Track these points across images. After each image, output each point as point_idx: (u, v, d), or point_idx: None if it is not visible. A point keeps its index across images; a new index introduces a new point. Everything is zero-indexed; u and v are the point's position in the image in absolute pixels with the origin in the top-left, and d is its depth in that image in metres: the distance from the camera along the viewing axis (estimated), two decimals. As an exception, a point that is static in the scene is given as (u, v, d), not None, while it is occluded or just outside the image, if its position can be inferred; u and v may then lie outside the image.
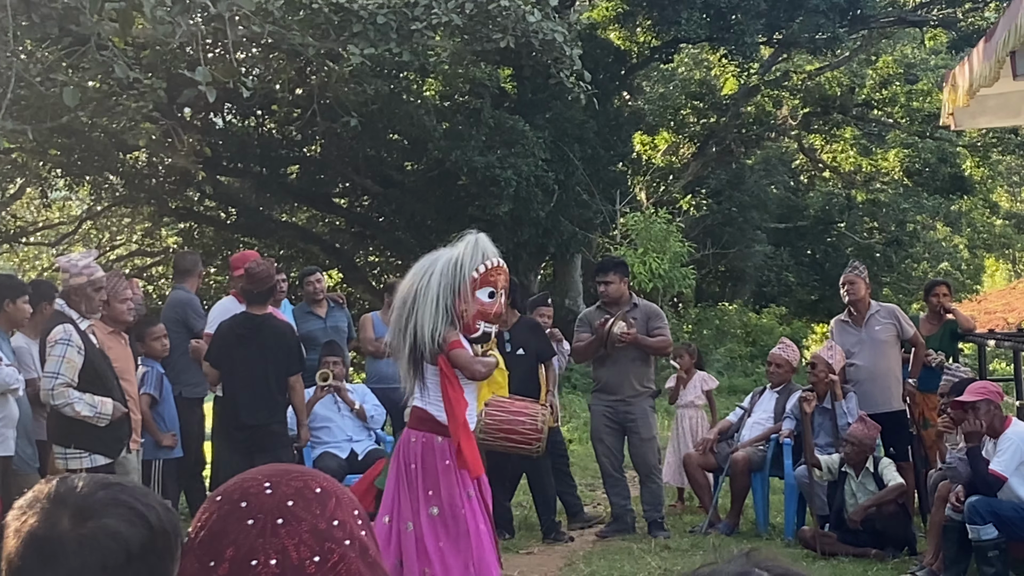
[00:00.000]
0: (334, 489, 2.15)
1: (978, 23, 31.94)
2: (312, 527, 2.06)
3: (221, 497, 2.11)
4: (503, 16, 16.16)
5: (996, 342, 15.59)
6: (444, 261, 8.86)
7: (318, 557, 2.03)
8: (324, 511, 2.09)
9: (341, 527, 2.09)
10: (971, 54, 13.00)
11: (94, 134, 23.95)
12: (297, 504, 2.08)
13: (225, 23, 12.36)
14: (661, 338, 13.38)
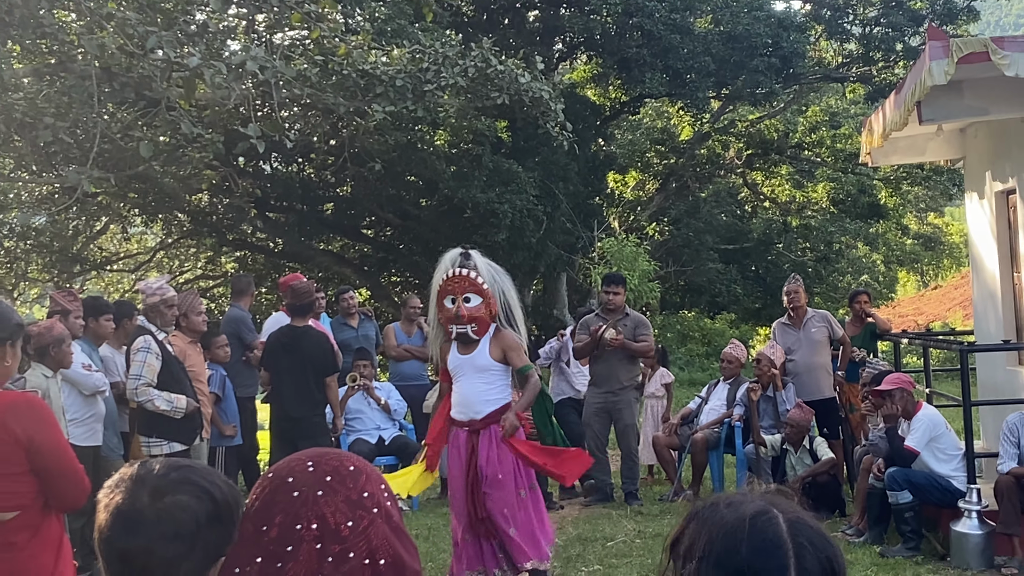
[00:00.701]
0: (364, 467, 2.17)
1: (889, 79, 31.97)
2: (346, 498, 2.07)
3: (272, 474, 2.12)
4: (499, 78, 16.18)
5: (908, 340, 15.59)
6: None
7: (351, 522, 2.04)
8: (356, 485, 2.10)
9: (370, 498, 2.10)
10: (884, 104, 12.99)
11: (165, 180, 23.92)
12: (334, 479, 2.09)
13: (271, 87, 12.37)
14: (645, 344, 13.50)
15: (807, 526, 1.98)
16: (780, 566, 1.92)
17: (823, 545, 1.97)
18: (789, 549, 1.93)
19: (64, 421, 9.18)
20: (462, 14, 27.22)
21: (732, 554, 1.93)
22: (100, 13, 11.24)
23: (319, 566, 2.00)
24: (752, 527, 1.96)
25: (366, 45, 16.02)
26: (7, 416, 4.86)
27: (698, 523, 2.01)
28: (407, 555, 2.10)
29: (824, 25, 33.81)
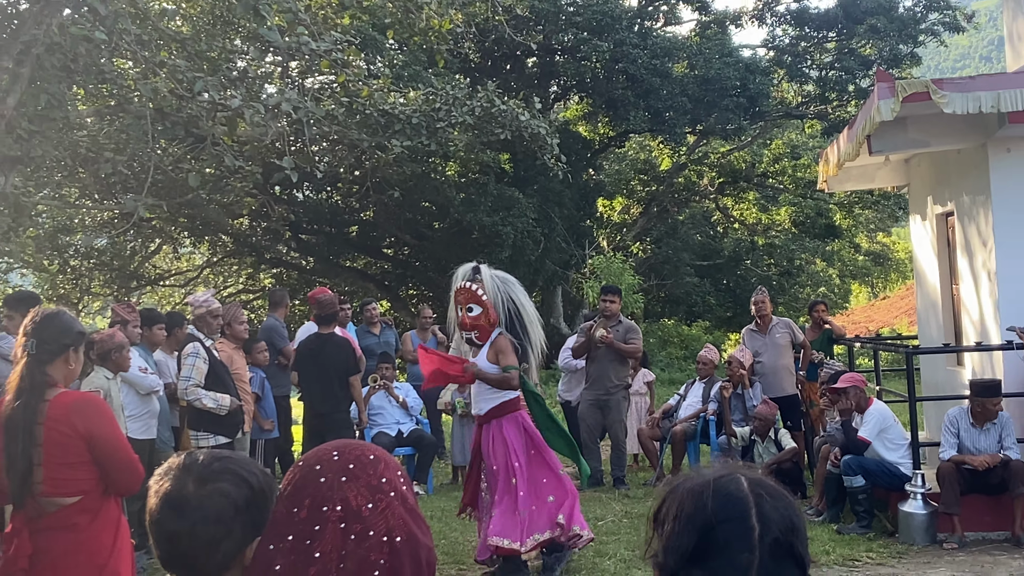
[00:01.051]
0: (383, 456, 2.18)
1: (843, 116, 31.99)
2: (367, 483, 2.08)
3: (303, 463, 2.14)
4: (502, 117, 16.22)
5: (860, 344, 15.57)
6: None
7: (371, 504, 2.05)
8: (376, 472, 2.11)
9: (388, 483, 2.10)
10: (838, 138, 13.00)
11: (211, 206, 23.96)
12: (356, 467, 2.10)
13: (303, 125, 12.38)
14: (633, 346, 13.54)
15: (766, 484, 1.99)
16: (742, 515, 1.91)
17: (781, 499, 1.97)
18: (750, 501, 1.93)
19: (123, 417, 9.21)
20: (469, 60, 27.22)
21: (699, 510, 1.94)
22: (154, 61, 11.25)
23: (343, 542, 2.01)
24: (716, 485, 1.97)
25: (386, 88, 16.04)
26: (71, 413, 4.88)
27: (671, 491, 2.03)
28: (420, 533, 2.11)
29: (785, 69, 33.83)
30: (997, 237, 11.29)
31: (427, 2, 12.88)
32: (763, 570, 1.88)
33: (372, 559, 2.02)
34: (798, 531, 1.94)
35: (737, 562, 1.88)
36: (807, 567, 1.94)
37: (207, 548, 2.27)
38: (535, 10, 26.97)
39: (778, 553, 1.90)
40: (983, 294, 11.86)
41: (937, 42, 34.01)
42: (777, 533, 1.91)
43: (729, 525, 1.91)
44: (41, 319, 5.03)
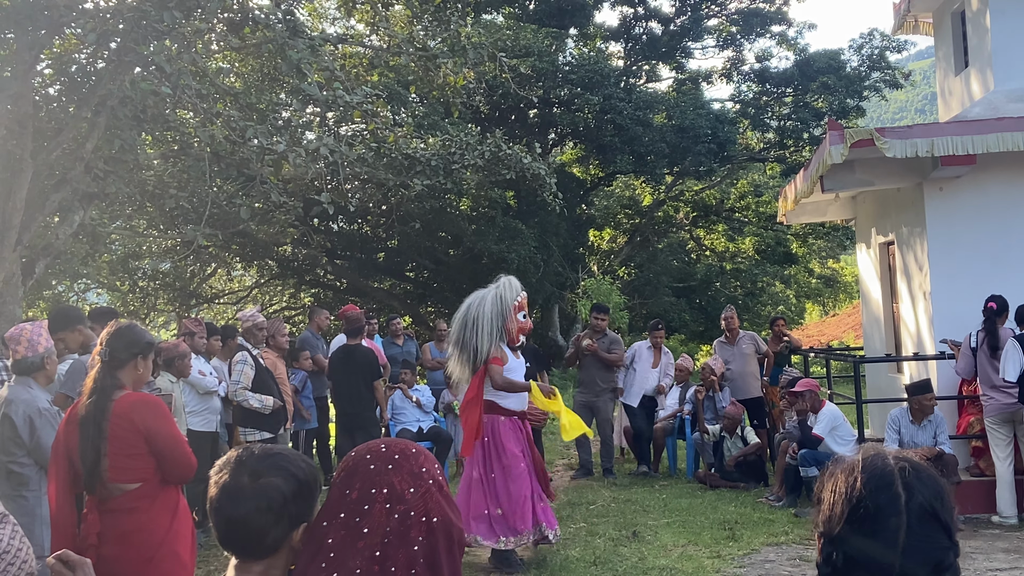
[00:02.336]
0: (423, 450, 2.23)
1: (799, 159, 32.04)
2: (409, 470, 2.11)
3: (355, 454, 2.18)
4: (508, 160, 16.25)
5: (814, 354, 15.55)
6: (492, 297, 8.81)
7: (413, 488, 2.09)
8: (417, 462, 2.14)
9: (428, 472, 2.14)
10: (795, 178, 13.04)
11: (259, 235, 24.03)
12: (400, 457, 2.13)
13: (338, 167, 12.41)
14: (615, 355, 13.50)
15: (911, 460, 1.98)
16: (888, 485, 1.91)
17: (924, 472, 1.96)
18: (895, 474, 1.93)
19: (184, 415, 9.25)
20: (480, 112, 27.28)
21: (851, 484, 1.93)
22: (211, 112, 11.29)
23: (387, 520, 2.05)
24: (864, 462, 1.97)
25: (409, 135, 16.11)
26: (131, 411, 4.95)
27: (829, 473, 2.02)
28: (453, 515, 2.15)
29: (750, 120, 33.91)
30: (931, 263, 11.31)
31: (444, 62, 12.91)
32: (911, 533, 1.87)
33: (412, 536, 2.06)
34: (943, 499, 1.92)
35: (888, 526, 1.87)
36: (953, 532, 1.92)
37: (259, 533, 2.29)
38: (536, 69, 27.02)
39: (924, 518, 1.88)
40: (919, 311, 11.86)
41: (879, 97, 34.12)
42: (921, 500, 1.89)
43: (878, 494, 1.90)
44: (115, 331, 5.10)
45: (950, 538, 1.88)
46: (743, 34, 33.87)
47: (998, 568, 8.13)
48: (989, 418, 10.12)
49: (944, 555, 1.86)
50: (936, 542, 1.86)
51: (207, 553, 9.20)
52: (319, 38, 11.85)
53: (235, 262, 29.11)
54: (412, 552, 2.04)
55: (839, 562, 1.89)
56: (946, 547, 1.87)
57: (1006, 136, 10.35)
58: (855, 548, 1.87)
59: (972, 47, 12.88)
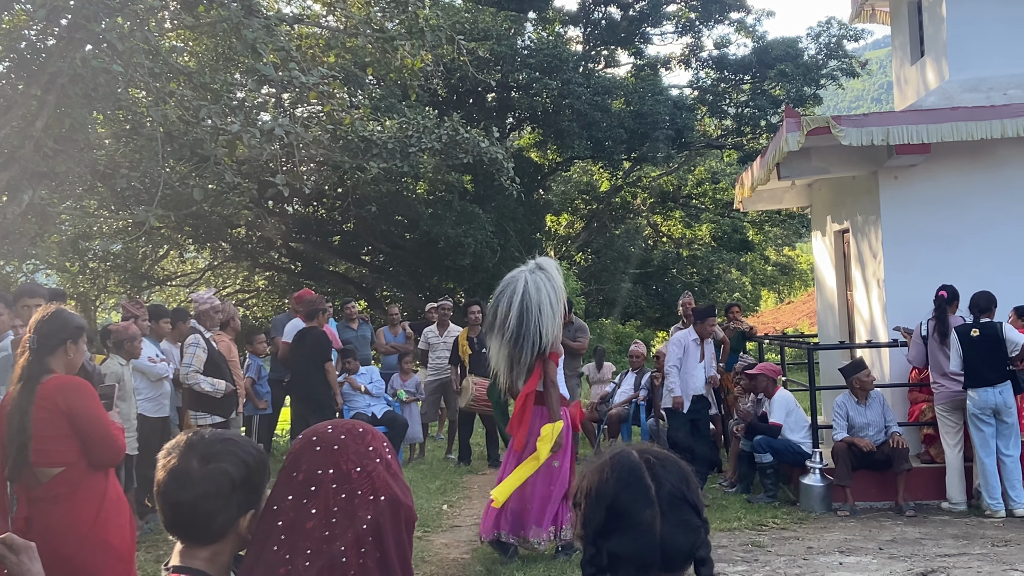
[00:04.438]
0: (370, 430, 2.23)
1: (756, 146, 32.23)
2: (356, 450, 2.12)
3: (303, 436, 2.19)
4: (465, 143, 16.21)
5: (769, 341, 15.68)
6: (547, 283, 8.28)
7: (359, 468, 2.10)
8: (363, 442, 2.15)
9: (375, 452, 2.15)
10: (752, 165, 13.12)
11: (212, 217, 23.84)
12: (347, 438, 2.14)
13: (294, 148, 12.34)
14: (580, 343, 13.44)
15: (653, 450, 2.04)
16: (638, 478, 1.97)
17: (667, 459, 2.02)
18: (642, 466, 1.98)
19: (134, 399, 9.17)
20: (438, 95, 27.22)
21: (603, 483, 1.98)
22: (164, 91, 11.18)
23: (334, 500, 2.06)
24: (612, 461, 2.02)
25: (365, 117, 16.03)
26: (55, 393, 4.94)
27: (581, 476, 2.08)
28: (401, 494, 2.15)
29: (708, 106, 34.08)
30: (885, 251, 11.43)
31: (401, 44, 12.85)
32: (666, 519, 1.92)
33: (360, 515, 2.06)
34: (688, 482, 1.99)
35: (643, 518, 1.92)
36: (702, 510, 1.98)
37: (206, 518, 2.28)
38: (494, 52, 27.00)
39: (675, 502, 1.94)
40: (873, 299, 11.98)
41: (836, 85, 34.40)
42: (670, 486, 1.95)
43: (629, 489, 1.95)
44: (43, 317, 5.08)
45: (699, 516, 1.97)
46: (702, 20, 34.00)
47: (947, 554, 8.24)
48: (940, 405, 10.26)
49: (697, 534, 1.94)
50: (689, 523, 1.94)
51: (157, 538, 9.14)
52: (275, 18, 11.77)
53: (188, 244, 28.89)
54: (360, 531, 2.05)
55: (603, 561, 1.94)
56: (698, 526, 1.95)
57: (960, 126, 10.47)
58: (616, 545, 1.93)
59: (928, 36, 13.00)
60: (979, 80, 11.75)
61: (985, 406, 9.74)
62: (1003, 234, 11.24)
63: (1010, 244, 11.20)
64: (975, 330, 9.84)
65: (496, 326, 8.24)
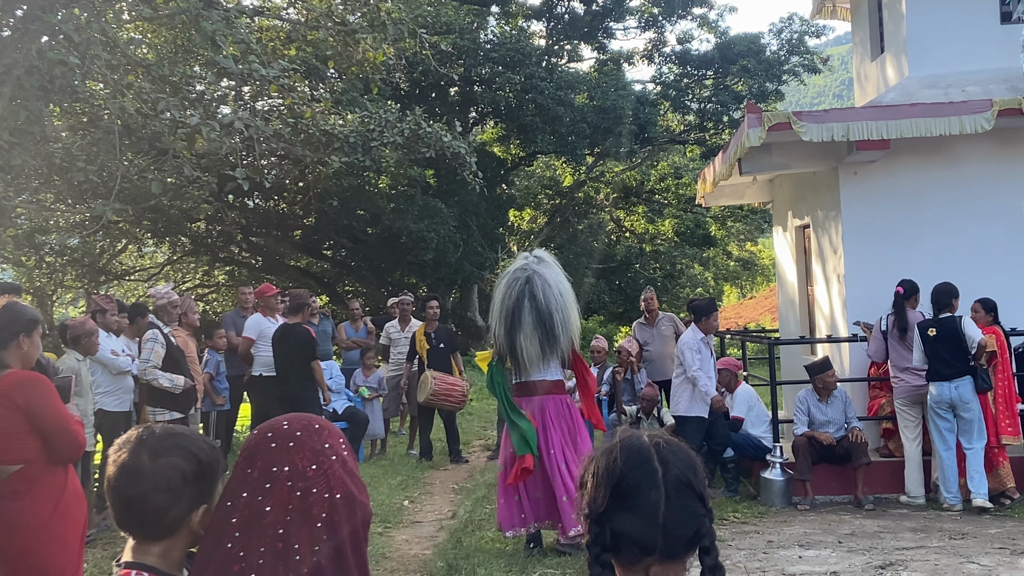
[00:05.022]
0: (327, 426, 2.20)
1: (718, 142, 32.35)
2: (311, 447, 2.10)
3: (258, 432, 2.16)
4: (428, 138, 16.19)
5: (731, 336, 15.76)
6: (565, 279, 8.46)
7: (315, 465, 2.08)
8: (320, 438, 2.13)
9: (331, 448, 2.13)
10: (714, 160, 13.17)
11: (171, 211, 23.66)
12: (303, 434, 2.12)
13: (254, 142, 12.27)
14: None
15: (664, 436, 2.07)
16: (645, 461, 1.99)
17: (677, 446, 2.05)
18: (651, 450, 2.01)
19: (91, 393, 9.11)
20: (400, 89, 27.13)
21: (611, 464, 2.00)
22: (122, 83, 11.09)
23: (289, 498, 2.04)
24: (622, 443, 2.04)
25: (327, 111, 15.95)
26: (11, 389, 4.90)
27: (589, 458, 2.09)
28: (357, 491, 2.14)
29: (671, 102, 34.20)
30: (845, 246, 11.52)
31: (363, 37, 12.81)
32: (670, 503, 1.94)
33: (315, 513, 2.05)
34: (695, 471, 2.02)
35: (648, 499, 1.95)
36: (707, 500, 2.01)
37: (157, 513, 2.27)
38: (457, 46, 26.96)
39: (680, 488, 1.97)
40: (833, 294, 12.08)
41: (798, 81, 34.64)
42: (677, 472, 1.98)
43: (636, 471, 1.98)
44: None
45: (704, 505, 1.99)
46: (665, 15, 34.09)
47: (905, 547, 8.33)
48: (899, 400, 10.36)
49: (701, 522, 1.97)
50: (693, 510, 1.97)
51: (113, 535, 9.08)
52: (234, 10, 11.69)
53: (146, 238, 28.66)
54: (315, 529, 2.04)
55: (607, 540, 1.97)
56: (702, 514, 1.98)
57: (919, 122, 10.57)
58: (620, 524, 1.96)
59: (888, 33, 13.11)
60: (938, 77, 11.87)
61: (941, 400, 9.83)
62: (961, 229, 11.37)
63: (968, 239, 11.33)
64: (932, 329, 9.94)
65: (527, 318, 8.26)
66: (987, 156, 11.42)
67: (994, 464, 9.97)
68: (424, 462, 13.27)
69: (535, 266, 8.42)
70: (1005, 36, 11.86)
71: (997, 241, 11.35)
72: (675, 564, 1.98)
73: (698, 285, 42.82)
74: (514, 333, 8.28)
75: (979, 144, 11.27)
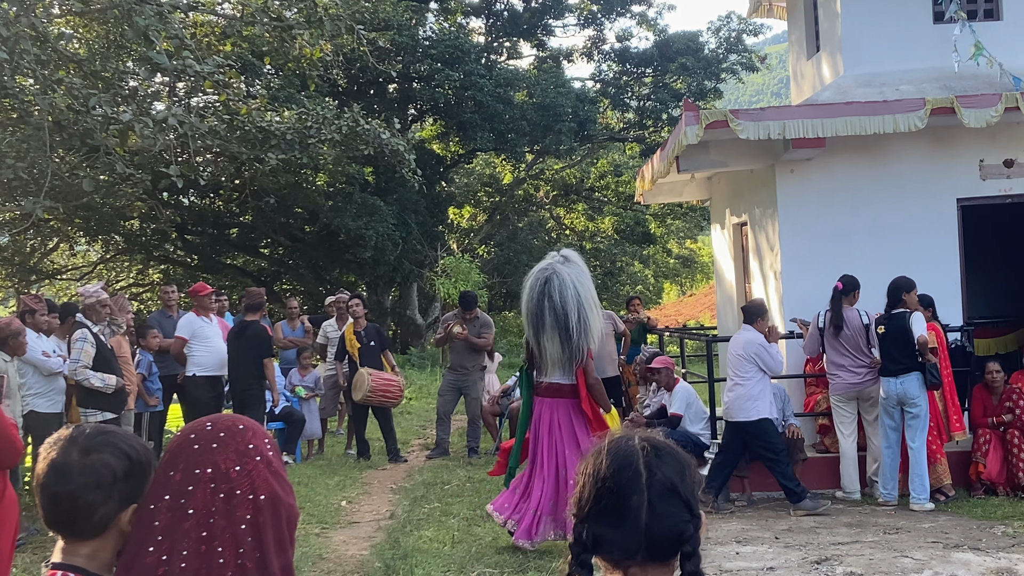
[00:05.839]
0: (252, 426, 2.17)
1: (658, 139, 32.57)
2: (235, 448, 2.08)
3: (181, 433, 2.14)
4: (366, 135, 16.13)
5: (669, 333, 15.87)
6: (588, 280, 8.50)
7: (238, 467, 2.06)
8: (244, 439, 2.11)
9: (255, 449, 2.11)
10: (653, 158, 13.26)
11: (104, 209, 23.35)
12: (226, 435, 2.10)
13: (188, 138, 12.14)
14: (484, 340, 13.51)
15: (655, 440, 2.06)
16: (630, 464, 2.00)
17: (667, 451, 2.04)
18: (638, 453, 2.01)
19: (19, 395, 8.98)
20: (338, 85, 26.99)
21: (597, 469, 2.01)
22: (52, 79, 10.92)
23: (212, 500, 2.02)
24: (610, 445, 2.05)
25: (263, 107, 15.84)
26: None
27: (583, 458, 2.10)
28: (283, 492, 2.12)
29: (610, 99, 34.37)
30: (782, 243, 11.65)
31: (300, 33, 12.73)
32: (652, 508, 1.95)
33: (239, 515, 2.03)
34: (683, 476, 2.01)
35: (630, 504, 1.96)
36: (694, 505, 2.01)
37: (86, 511, 2.25)
38: (395, 43, 26.86)
39: (665, 494, 1.97)
40: (771, 291, 12.21)
41: (736, 79, 34.97)
42: (662, 477, 1.98)
43: (620, 474, 1.98)
44: None
45: (691, 511, 1.99)
46: (604, 13, 34.23)
47: (841, 542, 8.44)
48: (835, 396, 10.49)
49: (685, 527, 1.97)
50: (677, 516, 1.97)
51: (45, 539, 8.94)
52: (168, 4, 11.55)
53: (78, 236, 28.25)
54: (239, 531, 2.03)
55: (589, 541, 1.99)
56: (686, 520, 1.98)
57: (854, 120, 10.70)
58: (602, 526, 1.98)
59: (823, 32, 13.27)
60: (872, 75, 12.03)
61: (889, 397, 9.97)
62: (895, 226, 11.53)
63: (902, 236, 11.49)
64: (881, 326, 10.09)
65: (548, 319, 8.31)
66: (920, 154, 11.60)
67: (932, 461, 10.12)
68: (362, 462, 13.22)
69: (558, 265, 8.48)
70: (938, 35, 12.04)
71: (930, 237, 11.53)
72: (658, 568, 1.99)
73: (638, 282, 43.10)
74: (539, 334, 8.38)
75: (912, 142, 11.44)
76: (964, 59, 11.40)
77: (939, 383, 9.95)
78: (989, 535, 8.63)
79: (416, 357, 27.48)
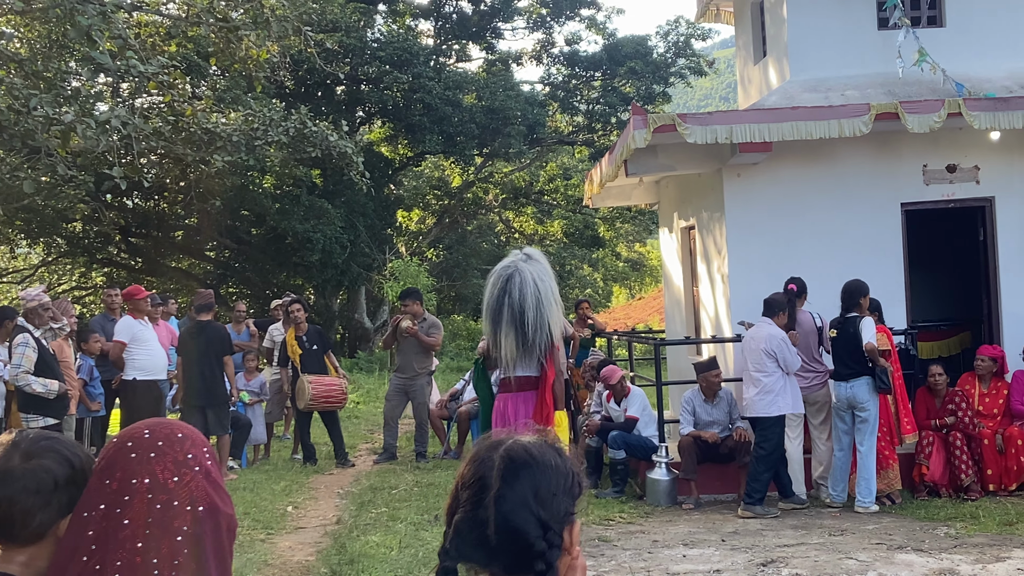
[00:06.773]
0: (191, 434, 2.13)
1: (606, 143, 32.67)
2: (173, 458, 2.04)
3: (117, 440, 2.10)
4: (313, 137, 16.07)
5: (618, 337, 15.92)
6: (549, 277, 8.66)
7: (176, 477, 2.02)
8: (182, 448, 2.07)
9: (194, 459, 2.07)
10: (602, 161, 13.30)
11: (46, 211, 23.07)
12: (164, 444, 2.06)
13: (132, 140, 12.02)
14: (433, 339, 13.38)
15: (521, 449, 1.98)
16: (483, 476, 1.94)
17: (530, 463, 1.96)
18: (495, 464, 1.95)
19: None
20: (285, 87, 26.85)
21: (463, 475, 1.98)
22: (-8, 78, 10.77)
23: (149, 511, 1.98)
24: (474, 452, 2.02)
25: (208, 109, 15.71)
26: None
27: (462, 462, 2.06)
28: (221, 503, 2.08)
29: (559, 103, 34.49)
30: (729, 247, 11.73)
31: (246, 34, 12.64)
32: (499, 523, 1.89)
33: (176, 525, 2.00)
34: (538, 492, 1.93)
35: (478, 515, 1.91)
36: (550, 524, 1.92)
37: (24, 516, 2.22)
38: (343, 45, 26.78)
39: (515, 509, 1.90)
40: (718, 294, 12.29)
41: (685, 83, 35.21)
42: (511, 492, 1.91)
43: (475, 484, 1.94)
44: None
45: (544, 527, 1.91)
46: (553, 16, 34.35)
47: (786, 544, 8.51)
48: (781, 399, 10.57)
49: (535, 543, 1.89)
50: (525, 531, 1.89)
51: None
52: (111, 4, 11.42)
53: (19, 239, 27.91)
54: (175, 543, 1.99)
55: (452, 549, 1.95)
56: (537, 536, 1.90)
57: (800, 125, 10.80)
58: (459, 535, 1.94)
59: (770, 37, 13.39)
60: (818, 81, 12.15)
61: (840, 400, 10.08)
62: (840, 230, 11.65)
63: (847, 239, 11.61)
64: (833, 330, 10.19)
65: (505, 316, 8.54)
66: (865, 158, 11.73)
67: (884, 466, 10.21)
68: (309, 466, 13.14)
69: (520, 263, 8.66)
70: (883, 41, 12.19)
71: (874, 241, 11.66)
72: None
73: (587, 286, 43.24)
74: (497, 331, 8.63)
75: (857, 147, 11.57)
76: (908, 65, 11.56)
77: (890, 388, 10.05)
78: (932, 536, 8.74)
79: (364, 361, 27.42)
